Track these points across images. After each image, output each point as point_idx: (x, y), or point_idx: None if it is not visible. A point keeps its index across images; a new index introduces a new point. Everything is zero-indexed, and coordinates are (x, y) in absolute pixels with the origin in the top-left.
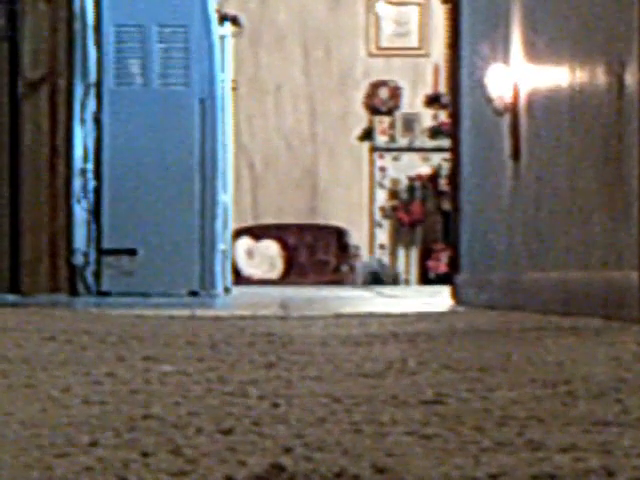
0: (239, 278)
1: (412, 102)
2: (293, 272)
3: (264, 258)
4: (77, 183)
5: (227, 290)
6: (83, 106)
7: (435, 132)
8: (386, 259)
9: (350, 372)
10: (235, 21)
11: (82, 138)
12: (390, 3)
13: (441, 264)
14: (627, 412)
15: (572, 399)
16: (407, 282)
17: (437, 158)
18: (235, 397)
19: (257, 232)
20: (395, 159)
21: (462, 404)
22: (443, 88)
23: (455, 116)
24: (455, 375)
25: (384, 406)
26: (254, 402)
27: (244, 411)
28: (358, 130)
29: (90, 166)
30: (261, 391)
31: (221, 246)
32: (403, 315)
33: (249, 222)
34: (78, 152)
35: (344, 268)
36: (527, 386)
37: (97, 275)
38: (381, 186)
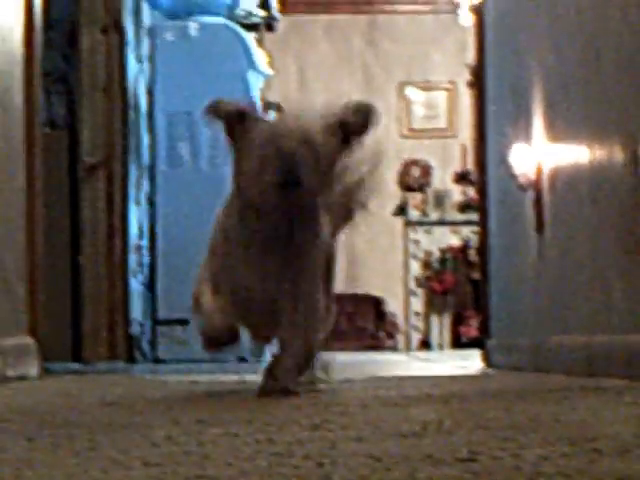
0: None
1: (442, 179)
2: (334, 338)
3: None
4: (133, 258)
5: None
6: (137, 187)
7: (464, 207)
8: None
9: (389, 432)
10: (279, 108)
11: (137, 217)
12: (420, 88)
13: (472, 329)
14: None
15: (597, 456)
16: (440, 347)
17: (466, 231)
18: (282, 457)
19: None
20: (427, 232)
21: (495, 462)
22: (471, 166)
23: (482, 192)
24: (488, 434)
25: (421, 464)
26: (300, 462)
27: (291, 471)
28: (392, 206)
29: (145, 242)
30: (306, 451)
31: None
32: (437, 377)
33: None
34: (133, 230)
35: (381, 334)
36: (555, 444)
37: (153, 344)
38: (415, 257)
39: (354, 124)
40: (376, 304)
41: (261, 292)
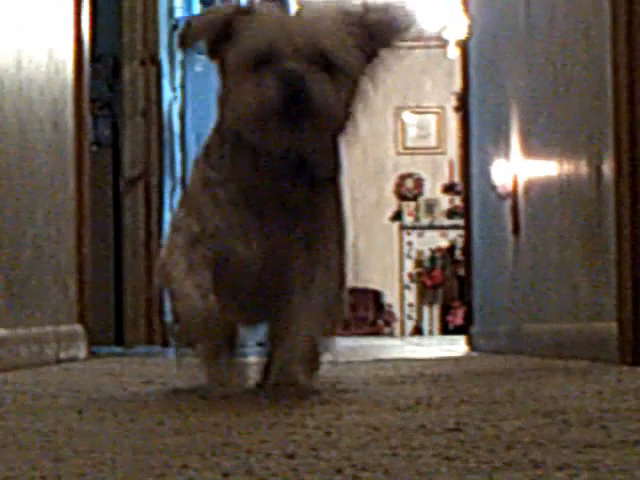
0: None
1: (432, 190)
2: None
3: None
4: None
5: None
6: (171, 197)
7: (451, 213)
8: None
9: (387, 406)
10: None
11: None
12: (413, 112)
13: (458, 318)
14: (610, 436)
15: (566, 426)
16: (430, 333)
17: (453, 234)
18: (296, 427)
19: None
20: (419, 235)
21: (478, 431)
22: (457, 178)
23: (467, 200)
24: (471, 408)
25: (415, 434)
26: (311, 431)
27: (304, 439)
28: (389, 213)
29: None
30: (317, 422)
31: None
32: (428, 359)
33: None
34: None
35: (380, 322)
36: (529, 416)
37: None
38: (408, 257)
39: (383, 24)
40: (375, 296)
41: (260, 264)
